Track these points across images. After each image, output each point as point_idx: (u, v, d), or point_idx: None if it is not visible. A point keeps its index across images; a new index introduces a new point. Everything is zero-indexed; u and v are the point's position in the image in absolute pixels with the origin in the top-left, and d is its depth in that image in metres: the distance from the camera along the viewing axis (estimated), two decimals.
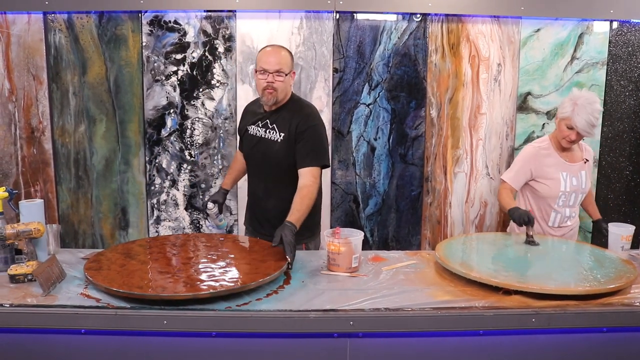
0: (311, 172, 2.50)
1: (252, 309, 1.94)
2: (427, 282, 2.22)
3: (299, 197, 2.43)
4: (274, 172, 2.62)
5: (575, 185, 2.87)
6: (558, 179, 2.83)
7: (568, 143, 2.82)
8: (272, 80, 2.49)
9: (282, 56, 2.52)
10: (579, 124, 2.72)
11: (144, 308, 1.94)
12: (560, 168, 2.85)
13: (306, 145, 2.53)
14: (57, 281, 2.16)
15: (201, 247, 2.50)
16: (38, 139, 3.60)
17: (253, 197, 2.79)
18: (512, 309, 1.98)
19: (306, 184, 2.47)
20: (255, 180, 2.74)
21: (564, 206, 2.89)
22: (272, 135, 2.60)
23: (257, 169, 2.71)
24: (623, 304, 2.03)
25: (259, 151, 2.65)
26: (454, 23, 3.54)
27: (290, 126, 2.55)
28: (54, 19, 3.48)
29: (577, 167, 2.90)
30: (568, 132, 2.78)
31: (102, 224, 3.71)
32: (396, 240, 3.75)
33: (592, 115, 2.71)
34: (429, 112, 3.63)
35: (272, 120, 2.61)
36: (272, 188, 2.65)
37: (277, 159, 2.58)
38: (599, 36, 3.60)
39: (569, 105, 2.77)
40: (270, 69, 2.48)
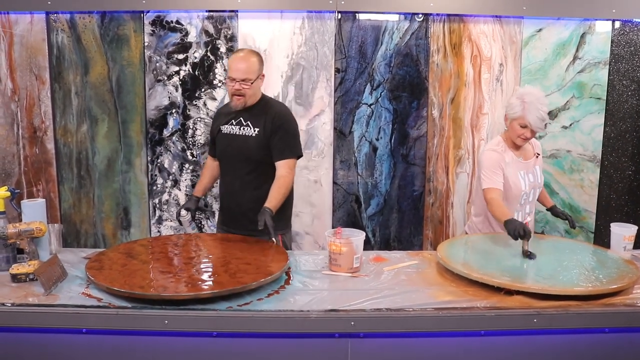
0: (287, 163, 2.68)
1: (253, 309, 1.94)
2: (428, 282, 2.22)
3: (276, 186, 2.62)
4: (249, 166, 2.74)
5: (532, 182, 2.85)
6: (517, 179, 2.80)
7: (523, 141, 2.79)
8: (240, 88, 2.63)
9: (249, 64, 2.62)
10: (532, 121, 2.69)
11: (145, 308, 1.93)
12: (518, 167, 2.82)
13: (282, 139, 2.68)
14: (59, 281, 2.16)
15: (202, 247, 2.50)
16: (40, 139, 3.61)
17: (228, 195, 2.86)
18: (514, 310, 1.97)
19: (283, 174, 2.65)
20: (230, 177, 2.82)
21: (524, 204, 2.86)
22: (247, 131, 2.72)
23: (231, 166, 2.80)
24: (625, 305, 2.02)
25: (234, 147, 2.76)
26: (456, 23, 3.54)
27: (266, 122, 2.69)
28: (56, 19, 3.49)
29: (532, 163, 2.88)
30: (522, 130, 2.74)
31: (104, 223, 3.71)
32: (398, 240, 3.75)
33: (542, 111, 2.70)
34: (431, 112, 3.63)
35: (246, 117, 2.73)
36: (247, 181, 2.75)
37: (252, 153, 2.71)
38: (601, 36, 3.59)
39: (518, 104, 2.72)
40: (238, 78, 2.61)
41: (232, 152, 2.77)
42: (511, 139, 2.82)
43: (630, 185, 3.76)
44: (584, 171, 3.74)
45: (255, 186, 2.72)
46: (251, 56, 2.66)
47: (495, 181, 2.75)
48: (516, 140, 2.79)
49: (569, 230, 3.78)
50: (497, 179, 2.75)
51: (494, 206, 2.69)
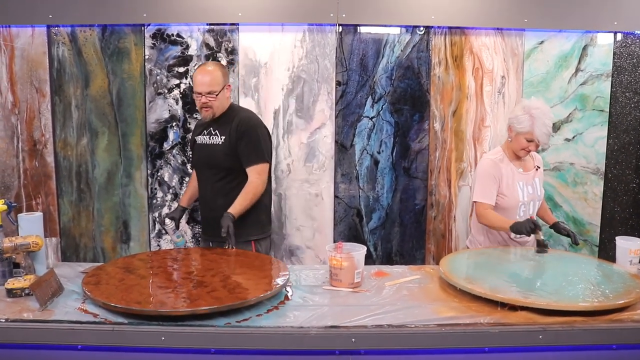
0: (255, 169, 2.77)
1: (251, 325, 1.91)
2: (431, 297, 2.18)
3: (242, 193, 2.72)
4: (219, 173, 2.83)
5: (531, 194, 2.84)
6: (515, 190, 2.79)
7: (526, 154, 2.82)
8: (206, 101, 2.76)
9: (211, 78, 2.75)
10: (540, 137, 2.71)
11: (142, 324, 1.90)
12: (516, 178, 2.82)
13: (248, 146, 2.77)
14: (55, 295, 2.13)
15: (201, 262, 2.47)
16: (40, 152, 3.59)
17: (204, 202, 2.97)
18: (519, 326, 1.93)
19: (251, 180, 2.75)
20: (203, 184, 2.93)
21: (524, 216, 2.83)
22: (215, 140, 2.83)
23: (203, 173, 2.92)
24: (633, 320, 1.98)
25: (204, 156, 2.89)
26: (457, 35, 3.53)
27: (231, 129, 2.79)
28: (57, 32, 3.48)
29: (531, 175, 2.88)
30: (527, 144, 2.76)
31: (103, 237, 3.68)
32: (400, 254, 3.71)
33: (548, 126, 2.71)
34: (433, 125, 3.60)
35: (215, 127, 2.85)
36: (218, 188, 2.84)
37: (219, 160, 2.81)
38: (603, 48, 3.57)
39: (526, 119, 2.71)
40: (203, 91, 2.74)
41: (203, 161, 2.90)
42: (513, 150, 2.82)
43: (635, 198, 3.72)
44: (587, 184, 3.70)
45: (225, 193, 2.81)
46: (214, 69, 2.79)
47: (488, 195, 2.76)
48: (519, 152, 2.80)
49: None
50: (490, 192, 2.76)
51: (490, 217, 2.72)
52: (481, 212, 2.76)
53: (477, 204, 2.79)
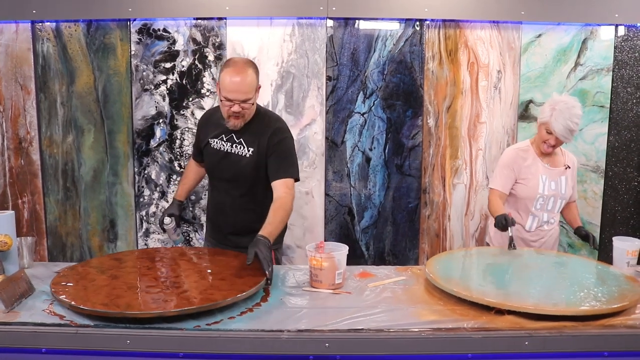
0: (285, 183, 2.40)
1: (221, 329, 1.81)
2: (414, 300, 2.08)
3: (272, 210, 2.32)
4: (242, 187, 2.50)
5: (554, 190, 2.81)
6: (537, 181, 2.79)
7: (548, 148, 2.78)
8: (239, 110, 2.32)
9: (247, 84, 2.30)
10: (557, 129, 2.68)
11: (107, 326, 1.82)
12: (540, 171, 2.81)
13: (279, 158, 2.43)
14: (24, 297, 2.05)
15: (178, 262, 2.38)
16: (26, 150, 3.52)
17: (218, 211, 2.64)
18: (503, 331, 1.83)
19: (280, 195, 2.37)
20: (222, 194, 2.59)
21: (542, 210, 2.83)
22: (240, 151, 2.46)
23: (223, 184, 2.57)
24: (627, 326, 1.87)
25: (225, 166, 2.50)
26: (452, 29, 3.42)
27: (260, 141, 2.43)
28: (41, 28, 3.42)
29: (558, 172, 2.84)
30: (547, 136, 2.74)
31: (90, 236, 3.61)
32: (393, 254, 3.61)
33: (571, 121, 2.67)
34: (426, 121, 3.50)
35: (239, 134, 2.46)
36: (240, 202, 2.53)
37: (246, 174, 2.47)
38: (604, 41, 3.45)
39: (548, 109, 2.72)
40: (238, 99, 2.30)
41: (223, 170, 2.52)
42: (537, 143, 2.82)
43: (637, 196, 3.60)
44: (587, 182, 3.58)
45: (250, 208, 2.51)
46: (248, 73, 2.30)
47: (502, 184, 2.80)
48: (541, 145, 2.79)
49: (572, 244, 3.62)
50: (505, 181, 2.80)
51: (491, 204, 2.78)
52: (491, 198, 2.82)
53: (490, 189, 2.85)
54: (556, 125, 2.67)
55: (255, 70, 2.37)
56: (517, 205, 2.85)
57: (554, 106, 2.70)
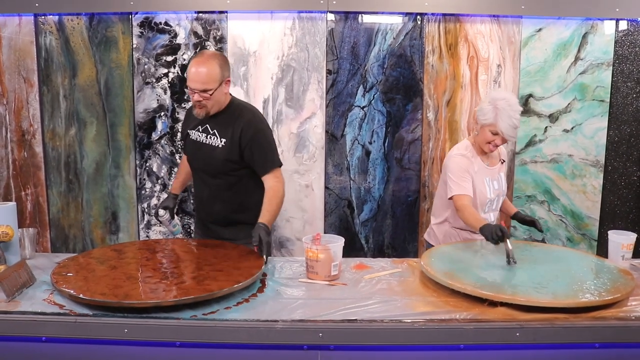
0: (273, 174, 2.52)
1: (217, 318, 1.85)
2: (408, 292, 2.11)
3: (267, 199, 2.45)
4: (217, 177, 2.57)
5: (497, 189, 2.73)
6: (484, 186, 2.67)
7: (492, 148, 2.65)
8: (199, 99, 2.42)
9: (206, 74, 2.37)
10: (504, 129, 2.54)
11: (106, 315, 1.85)
12: (484, 174, 2.69)
13: (260, 152, 2.50)
14: (25, 287, 2.09)
15: (177, 253, 2.42)
16: (29, 142, 3.56)
17: (199, 202, 2.74)
18: (495, 322, 1.85)
19: (271, 185, 2.49)
20: (200, 184, 2.68)
21: (489, 212, 2.74)
22: (214, 141, 2.53)
23: (200, 174, 2.66)
24: (617, 318, 1.89)
25: (200, 157, 2.59)
26: (452, 23, 3.42)
27: (233, 132, 2.49)
28: (44, 21, 3.44)
29: (497, 169, 2.75)
30: (493, 137, 2.60)
31: (92, 228, 3.65)
32: (392, 247, 3.63)
33: (514, 118, 2.54)
34: (426, 115, 3.51)
35: (213, 125, 2.54)
36: (216, 192, 2.60)
37: (219, 165, 2.53)
38: (605, 36, 3.45)
39: (490, 110, 2.57)
40: (196, 89, 2.40)
41: (199, 160, 2.61)
42: (479, 144, 2.68)
43: (636, 191, 3.60)
44: (586, 176, 3.59)
45: (225, 198, 2.58)
46: (211, 62, 2.40)
47: (464, 187, 2.61)
48: (484, 146, 2.65)
49: (572, 238, 3.64)
50: (466, 185, 2.62)
51: (466, 213, 2.54)
52: (460, 206, 2.58)
53: (456, 197, 2.61)
54: (502, 124, 2.53)
55: (220, 63, 2.42)
56: None
57: (495, 105, 2.56)
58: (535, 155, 3.57)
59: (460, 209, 2.57)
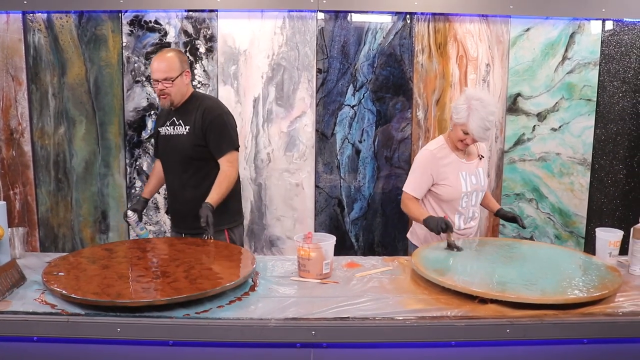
0: (227, 158, 2.69)
1: (210, 317, 1.85)
2: (400, 289, 2.12)
3: (217, 181, 2.65)
4: (185, 164, 2.74)
5: (475, 184, 2.71)
6: (458, 180, 2.67)
7: (464, 146, 2.66)
8: (163, 88, 2.63)
9: (167, 64, 2.62)
10: (474, 131, 2.54)
11: (98, 315, 1.85)
12: (458, 168, 2.68)
13: (216, 136, 2.68)
14: (15, 286, 2.08)
15: (168, 252, 2.41)
16: (17, 141, 3.53)
17: (172, 194, 2.88)
18: (486, 319, 1.87)
19: (223, 169, 2.67)
20: (171, 176, 2.83)
21: (467, 207, 2.73)
22: (180, 130, 2.72)
23: (170, 165, 2.82)
24: (605, 314, 1.92)
25: (169, 147, 2.77)
26: (441, 22, 3.45)
27: (196, 119, 2.68)
28: (33, 19, 3.42)
29: (474, 164, 2.74)
30: (464, 136, 2.60)
31: (82, 227, 3.63)
32: (382, 245, 3.65)
33: (487, 120, 2.51)
34: (416, 114, 3.53)
35: (178, 116, 2.74)
36: (186, 180, 2.75)
37: (186, 151, 2.70)
38: (591, 36, 3.50)
39: (463, 109, 2.55)
40: (159, 78, 2.62)
41: (168, 152, 2.79)
42: (452, 141, 2.68)
43: (622, 189, 3.65)
44: (574, 174, 3.63)
45: (193, 185, 2.73)
46: (170, 55, 2.66)
47: (417, 188, 2.68)
48: (457, 144, 2.66)
49: (559, 235, 3.68)
50: (420, 185, 2.67)
51: (410, 207, 2.65)
52: (404, 200, 2.70)
53: (406, 193, 2.69)
54: (473, 126, 2.52)
55: (178, 56, 2.68)
56: (444, 206, 2.72)
57: (469, 104, 2.53)
58: (524, 153, 3.61)
59: (405, 201, 2.69)
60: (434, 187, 2.69)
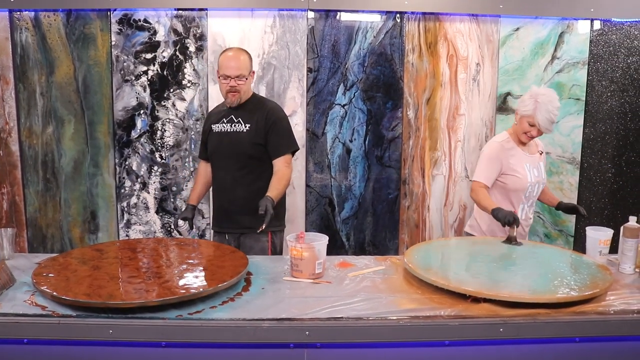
0: (284, 159, 2.72)
1: (203, 318, 1.84)
2: (393, 289, 2.12)
3: (276, 178, 2.66)
4: (240, 162, 2.74)
5: (537, 176, 2.88)
6: (524, 171, 2.84)
7: (528, 139, 2.85)
8: (235, 84, 2.67)
9: (241, 61, 2.68)
10: (541, 122, 2.74)
11: (90, 316, 1.83)
12: (523, 160, 2.86)
13: (277, 137, 2.72)
14: (5, 288, 2.05)
15: (159, 252, 2.40)
16: (5, 141, 3.49)
17: (221, 191, 2.84)
18: (479, 318, 1.88)
19: (281, 168, 2.70)
20: (222, 173, 2.81)
21: (529, 197, 2.89)
22: (239, 127, 2.73)
23: (223, 162, 2.80)
24: (597, 313, 1.93)
25: (225, 144, 2.76)
26: (431, 22, 3.46)
27: (258, 118, 2.71)
28: (20, 17, 3.38)
29: (536, 158, 2.93)
30: (530, 128, 2.80)
31: (71, 227, 3.60)
32: (373, 244, 3.65)
33: (553, 113, 2.75)
34: (406, 113, 3.54)
35: (237, 114, 2.76)
36: (239, 177, 2.75)
37: (244, 148, 2.72)
38: (580, 35, 3.52)
39: (530, 102, 2.77)
40: (232, 75, 2.66)
41: (223, 149, 2.78)
42: (517, 134, 2.86)
43: (611, 187, 3.68)
44: (563, 173, 3.66)
45: (247, 182, 2.74)
46: (242, 54, 2.71)
47: (487, 177, 2.82)
48: (521, 136, 2.84)
49: (549, 234, 3.70)
50: (489, 174, 2.82)
51: (481, 196, 2.77)
52: (475, 188, 2.82)
53: (476, 182, 2.84)
54: (540, 117, 2.73)
55: (249, 56, 2.74)
56: (509, 196, 2.86)
57: (536, 98, 2.75)
58: None
59: (475, 190, 2.82)
60: (502, 177, 2.85)
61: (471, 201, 3.60)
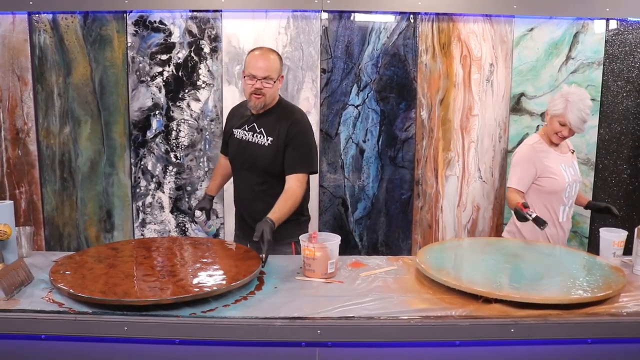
0: (297, 177, 2.50)
1: (216, 316, 1.86)
2: (404, 289, 2.13)
3: (283, 198, 2.44)
4: (261, 176, 2.59)
5: (574, 175, 2.88)
6: (561, 172, 2.82)
7: (559, 139, 2.83)
8: (261, 87, 2.45)
9: (271, 61, 2.46)
10: (572, 121, 2.73)
11: (106, 313, 1.87)
12: (558, 161, 2.85)
13: (295, 152, 2.51)
14: (23, 285, 2.10)
15: (174, 251, 2.43)
16: (23, 141, 3.55)
17: (240, 201, 2.73)
18: (490, 319, 1.88)
19: (291, 187, 2.48)
20: (242, 184, 2.68)
21: (569, 198, 2.88)
22: (260, 139, 2.55)
23: (243, 173, 2.66)
24: (610, 314, 1.92)
25: (245, 155, 2.60)
26: (445, 22, 3.46)
27: (280, 131, 2.51)
28: (38, 19, 3.44)
29: (569, 157, 2.92)
30: (561, 128, 2.78)
31: (87, 226, 3.65)
32: (386, 245, 3.66)
33: (584, 112, 2.74)
34: (420, 114, 3.54)
35: (260, 124, 2.57)
36: (259, 191, 2.60)
37: (265, 163, 2.55)
38: (595, 35, 3.50)
39: (560, 102, 2.76)
40: (259, 75, 2.44)
41: (243, 159, 2.62)
42: (547, 134, 2.85)
43: (626, 189, 3.66)
44: None
45: (265, 197, 2.55)
46: (272, 53, 2.51)
47: (521, 182, 2.79)
48: (552, 137, 2.83)
49: None
50: (524, 179, 2.80)
51: (509, 199, 2.77)
52: (509, 195, 2.81)
53: (511, 189, 2.82)
54: (571, 117, 2.72)
55: (279, 57, 2.53)
56: (548, 199, 2.83)
57: (567, 98, 2.74)
58: None
59: (510, 196, 2.79)
60: (538, 180, 2.83)
61: (485, 202, 3.61)
